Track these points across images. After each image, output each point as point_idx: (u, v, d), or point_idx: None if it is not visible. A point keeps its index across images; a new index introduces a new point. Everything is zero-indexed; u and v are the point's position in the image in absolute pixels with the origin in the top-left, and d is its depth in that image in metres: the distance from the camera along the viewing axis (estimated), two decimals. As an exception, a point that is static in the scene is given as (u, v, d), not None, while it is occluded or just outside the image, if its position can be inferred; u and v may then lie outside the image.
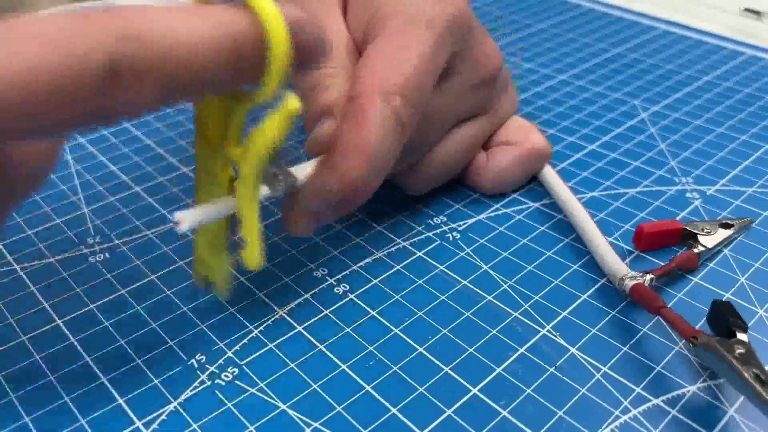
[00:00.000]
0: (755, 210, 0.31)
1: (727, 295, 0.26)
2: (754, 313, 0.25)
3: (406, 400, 0.22)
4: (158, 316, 0.25)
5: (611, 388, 0.22)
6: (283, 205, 0.24)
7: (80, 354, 0.24)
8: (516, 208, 0.31)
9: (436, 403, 0.22)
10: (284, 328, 0.25)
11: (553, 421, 0.21)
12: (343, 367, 0.23)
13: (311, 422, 0.21)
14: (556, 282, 0.27)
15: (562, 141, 0.36)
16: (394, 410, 0.22)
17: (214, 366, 0.23)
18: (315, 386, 0.23)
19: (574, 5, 0.53)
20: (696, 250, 0.27)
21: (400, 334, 0.24)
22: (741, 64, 0.44)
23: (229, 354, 0.24)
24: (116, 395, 0.22)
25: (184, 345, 0.24)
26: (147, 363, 0.23)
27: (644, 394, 0.22)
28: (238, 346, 0.24)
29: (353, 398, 0.22)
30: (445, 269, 0.27)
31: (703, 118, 0.38)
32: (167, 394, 0.22)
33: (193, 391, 0.22)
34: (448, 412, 0.22)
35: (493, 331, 0.25)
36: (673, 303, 0.26)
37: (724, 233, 0.28)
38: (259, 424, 0.21)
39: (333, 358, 0.24)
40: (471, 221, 0.30)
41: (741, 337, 0.22)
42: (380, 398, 0.22)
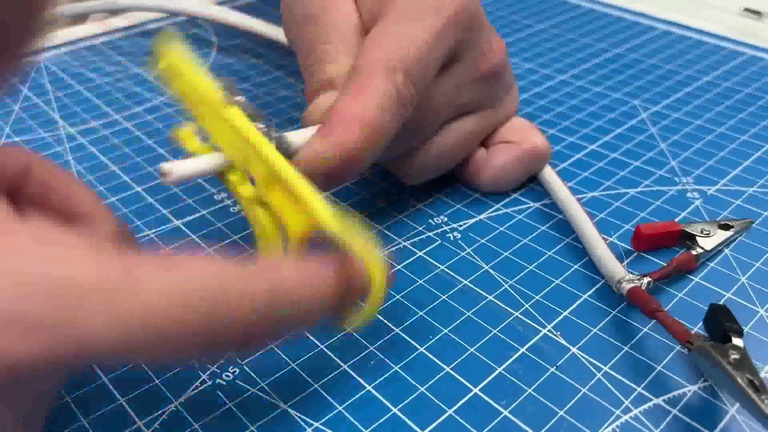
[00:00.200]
0: (756, 210, 0.31)
1: (728, 295, 0.26)
2: (754, 313, 0.25)
3: (407, 400, 0.22)
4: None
5: (612, 388, 0.23)
6: None
7: (81, 354, 0.24)
8: (516, 208, 0.31)
9: (437, 402, 0.22)
10: (285, 328, 0.25)
11: (554, 420, 0.21)
12: (344, 367, 0.23)
13: (312, 422, 0.21)
14: (557, 282, 0.27)
15: (563, 141, 0.36)
16: (395, 410, 0.22)
17: (215, 366, 0.23)
18: (316, 386, 0.23)
19: (574, 5, 0.53)
20: (695, 252, 0.27)
21: (401, 334, 0.24)
22: (741, 64, 0.44)
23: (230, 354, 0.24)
24: (117, 395, 0.22)
25: (185, 345, 0.24)
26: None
27: (645, 393, 0.22)
28: (239, 346, 0.24)
29: (354, 398, 0.22)
30: (445, 269, 0.27)
31: (704, 118, 0.38)
32: (168, 394, 0.22)
33: (194, 391, 0.22)
34: (449, 411, 0.22)
35: (494, 331, 0.25)
36: (673, 303, 0.26)
37: (724, 235, 0.28)
38: (260, 424, 0.21)
39: (334, 357, 0.24)
40: (471, 221, 0.30)
41: (736, 342, 0.22)
42: (381, 398, 0.22)
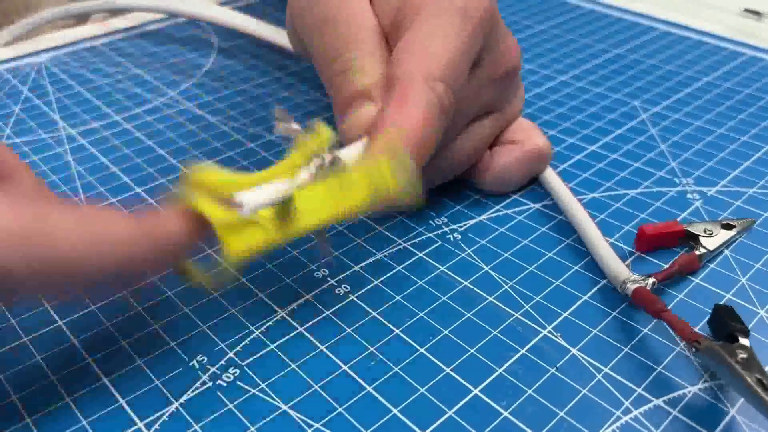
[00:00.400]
0: (756, 211, 0.31)
1: (728, 296, 0.26)
2: (755, 314, 0.25)
3: (407, 401, 0.22)
4: (159, 317, 0.25)
5: (612, 389, 0.22)
6: None
7: (81, 355, 0.24)
8: (517, 209, 0.31)
9: (437, 403, 0.22)
10: (285, 329, 0.25)
11: (554, 421, 0.21)
12: (344, 368, 0.23)
13: (312, 423, 0.21)
14: (557, 283, 0.27)
15: (563, 142, 0.36)
16: (395, 411, 0.22)
17: (216, 367, 0.23)
18: (316, 387, 0.23)
19: (574, 6, 0.53)
20: (697, 252, 0.27)
21: (401, 335, 0.24)
22: (741, 65, 0.44)
23: (231, 354, 0.24)
24: (117, 396, 0.22)
25: (186, 346, 0.24)
26: (148, 363, 0.23)
27: (645, 394, 0.22)
28: (240, 346, 0.24)
29: (354, 399, 0.22)
30: (446, 270, 0.27)
31: (704, 118, 0.38)
32: (168, 395, 0.22)
33: (195, 392, 0.22)
34: (450, 412, 0.22)
35: (494, 332, 0.25)
36: (674, 304, 0.26)
37: (726, 234, 0.28)
38: (261, 424, 0.21)
39: (334, 358, 0.24)
40: (472, 222, 0.30)
41: (743, 341, 0.22)
42: (381, 399, 0.22)
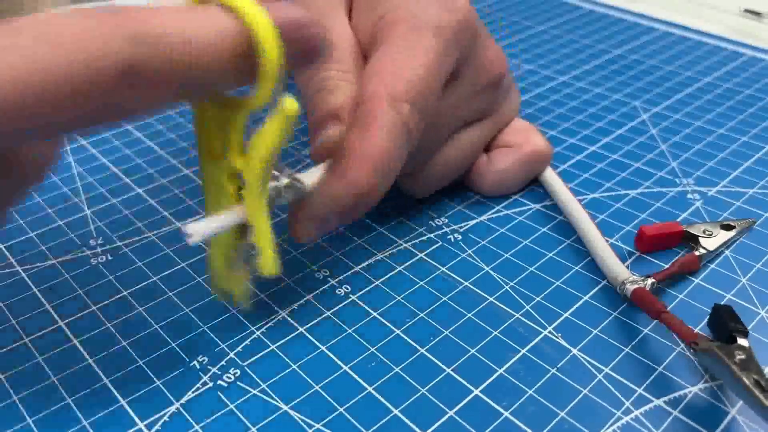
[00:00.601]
0: (756, 211, 0.31)
1: (729, 297, 0.26)
2: (755, 314, 0.25)
3: (408, 401, 0.22)
4: (160, 318, 0.25)
5: (613, 389, 0.23)
6: (289, 210, 0.24)
7: (82, 356, 0.24)
8: (517, 210, 0.31)
9: (438, 404, 0.22)
10: (286, 330, 0.25)
11: (554, 422, 0.21)
12: (345, 368, 0.23)
13: (313, 423, 0.21)
14: (558, 283, 0.27)
15: (563, 143, 0.36)
16: (395, 411, 0.22)
17: (216, 367, 0.23)
18: (317, 387, 0.23)
19: (575, 7, 0.53)
20: (697, 252, 0.27)
21: (402, 335, 0.24)
22: (741, 65, 0.44)
23: (231, 355, 0.24)
24: (119, 397, 0.22)
25: (186, 346, 0.24)
26: (149, 364, 0.23)
27: (646, 395, 0.22)
28: (240, 347, 0.24)
29: (355, 399, 0.22)
30: (446, 270, 0.27)
31: (704, 119, 0.38)
32: (169, 396, 0.22)
33: (196, 393, 0.22)
34: (450, 413, 0.22)
35: (495, 332, 0.25)
36: (674, 304, 0.26)
37: (726, 235, 0.28)
38: (261, 425, 0.21)
39: (335, 359, 0.24)
40: (472, 222, 0.30)
41: (741, 342, 0.22)
42: (382, 399, 0.22)
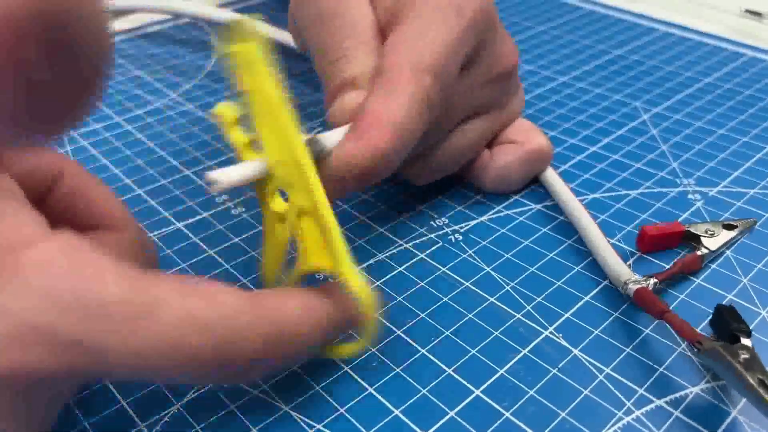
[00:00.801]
0: (757, 211, 0.31)
1: (730, 297, 0.26)
2: (756, 315, 0.25)
3: (409, 402, 0.22)
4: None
5: (614, 390, 0.22)
6: None
7: (83, 356, 0.24)
8: (518, 210, 0.31)
9: (439, 404, 0.22)
10: (287, 330, 0.25)
11: (555, 422, 0.21)
12: (346, 369, 0.23)
13: (314, 424, 0.21)
14: (559, 283, 0.27)
15: (564, 143, 0.36)
16: (396, 412, 0.22)
17: (217, 368, 0.23)
18: (317, 388, 0.23)
19: (575, 7, 0.53)
20: (699, 252, 0.27)
21: (403, 336, 0.24)
22: (742, 66, 0.44)
23: (232, 356, 0.24)
24: (119, 398, 0.22)
25: (187, 347, 0.24)
26: (150, 365, 0.23)
27: (647, 395, 0.22)
28: (241, 348, 0.24)
29: (356, 400, 0.22)
30: (447, 271, 0.27)
31: (705, 119, 0.38)
32: (170, 397, 0.22)
33: (196, 393, 0.22)
34: (451, 413, 0.22)
35: (496, 333, 0.25)
36: (675, 304, 0.26)
37: (728, 235, 0.28)
38: (263, 426, 0.21)
39: (336, 359, 0.24)
40: (473, 223, 0.30)
41: (745, 342, 0.22)
42: (383, 400, 0.22)
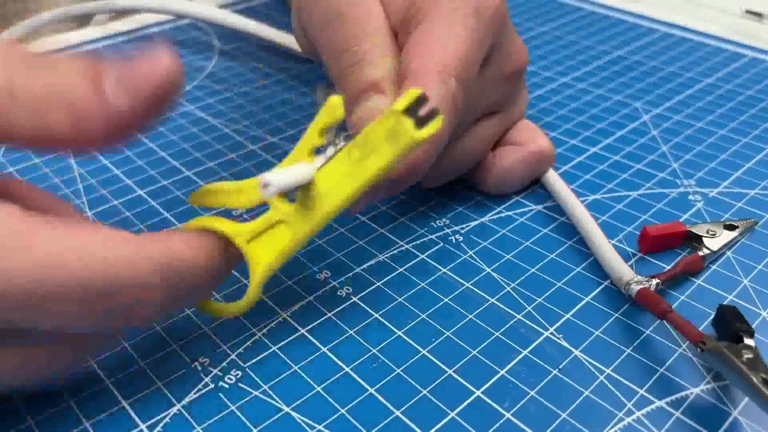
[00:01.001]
0: (758, 212, 0.31)
1: (730, 298, 0.26)
2: (757, 315, 0.25)
3: (410, 403, 0.22)
4: (162, 319, 0.25)
5: (615, 390, 0.22)
6: None
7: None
8: (519, 211, 0.31)
9: (440, 405, 0.22)
10: (288, 331, 0.25)
11: (556, 423, 0.21)
12: (347, 370, 0.23)
13: (315, 425, 0.21)
14: (559, 284, 0.27)
15: (565, 144, 0.36)
16: (397, 412, 0.22)
17: (218, 369, 0.23)
18: (318, 388, 0.23)
19: (575, 8, 0.53)
20: (701, 252, 0.27)
21: (404, 337, 0.24)
22: (743, 66, 0.44)
23: (233, 357, 0.24)
24: (120, 398, 0.22)
25: (188, 348, 0.24)
26: (151, 366, 0.23)
27: (648, 396, 0.22)
28: (242, 348, 0.24)
29: (357, 400, 0.22)
30: (447, 272, 0.27)
31: (705, 120, 0.38)
32: (171, 397, 0.22)
33: (197, 394, 0.22)
34: (452, 414, 0.22)
35: (497, 334, 0.25)
36: (677, 305, 0.26)
37: (729, 235, 0.28)
38: (263, 426, 0.21)
39: (336, 360, 0.24)
40: (474, 224, 0.30)
41: (748, 342, 0.22)
42: (384, 400, 0.22)
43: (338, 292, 0.26)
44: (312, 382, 0.23)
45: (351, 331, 0.25)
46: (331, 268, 0.28)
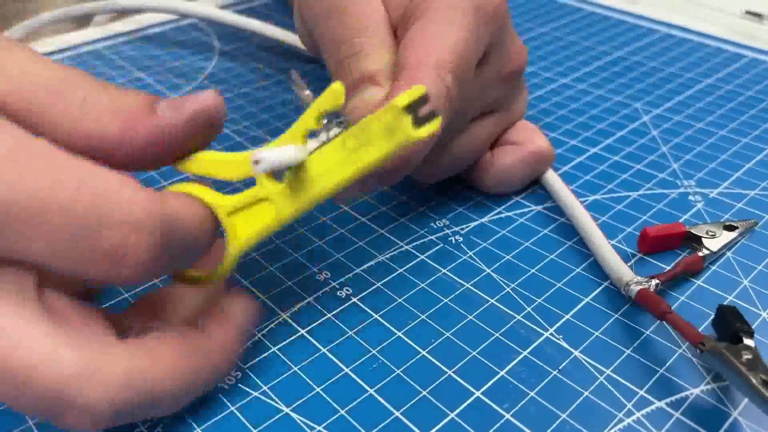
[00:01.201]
0: (758, 213, 0.31)
1: (730, 298, 0.26)
2: (757, 316, 0.25)
3: (410, 403, 0.22)
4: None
5: (615, 391, 0.22)
6: None
7: (84, 357, 0.24)
8: (518, 211, 0.31)
9: (440, 406, 0.22)
10: (287, 332, 0.25)
11: (556, 423, 0.21)
12: (346, 371, 0.23)
13: (314, 425, 0.21)
14: (559, 285, 0.27)
15: (565, 144, 0.36)
16: (397, 413, 0.22)
17: (218, 369, 0.23)
18: (318, 389, 0.23)
19: (576, 9, 0.53)
20: (701, 253, 0.27)
21: (403, 337, 0.24)
22: (743, 67, 0.44)
23: (233, 357, 0.24)
24: (120, 399, 0.22)
25: (188, 348, 0.24)
26: (150, 366, 0.23)
27: (648, 396, 0.22)
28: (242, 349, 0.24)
29: (356, 401, 0.22)
30: (447, 272, 0.27)
31: (705, 120, 0.38)
32: (171, 398, 0.22)
33: (197, 395, 0.22)
34: (452, 415, 0.22)
35: (496, 334, 0.25)
36: (676, 306, 0.26)
37: (729, 236, 0.28)
38: (263, 427, 0.21)
39: (336, 361, 0.24)
40: (473, 224, 0.30)
41: (747, 342, 0.22)
42: (383, 401, 0.22)
43: (338, 293, 0.26)
44: (312, 383, 0.23)
45: (351, 332, 0.25)
46: (331, 269, 0.28)
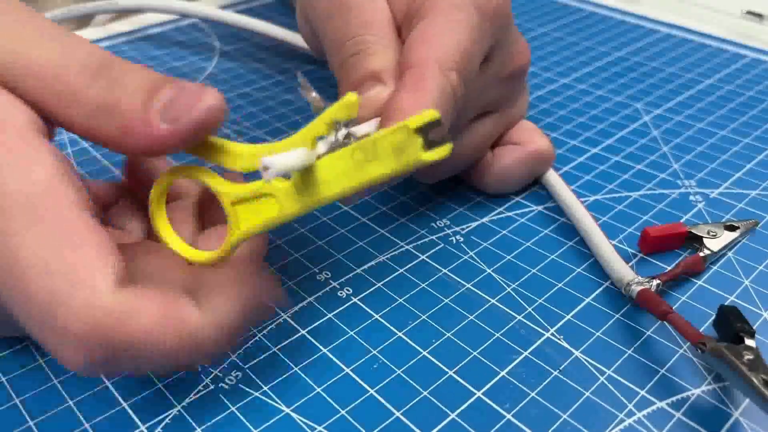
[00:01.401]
0: (758, 213, 0.31)
1: (731, 298, 0.26)
2: (758, 316, 0.25)
3: (410, 404, 0.22)
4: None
5: (615, 391, 0.22)
6: None
7: (84, 358, 0.24)
8: (519, 212, 0.31)
9: (440, 406, 0.22)
10: (288, 332, 0.25)
11: (557, 424, 0.21)
12: (347, 371, 0.23)
13: (315, 426, 0.21)
14: (560, 285, 0.27)
15: (565, 144, 0.36)
16: (397, 414, 0.22)
17: (218, 370, 0.23)
18: (318, 390, 0.23)
19: (576, 9, 0.53)
20: (702, 253, 0.27)
21: (404, 338, 0.24)
22: (743, 67, 0.44)
23: (233, 358, 0.24)
24: (120, 399, 0.22)
25: (188, 349, 0.24)
26: (151, 367, 0.23)
27: (649, 397, 0.22)
28: (242, 349, 0.24)
29: (357, 402, 0.22)
30: (448, 272, 0.27)
31: (706, 121, 0.38)
32: (171, 398, 0.22)
33: (197, 395, 0.22)
34: (452, 415, 0.22)
35: (497, 335, 0.25)
36: (677, 306, 0.26)
37: (730, 236, 0.28)
38: (264, 427, 0.21)
39: (337, 361, 0.24)
40: (474, 224, 0.30)
41: (749, 342, 0.22)
42: (384, 402, 0.22)
43: (339, 293, 0.26)
44: (312, 383, 0.23)
45: (351, 332, 0.25)
46: (331, 269, 0.28)
